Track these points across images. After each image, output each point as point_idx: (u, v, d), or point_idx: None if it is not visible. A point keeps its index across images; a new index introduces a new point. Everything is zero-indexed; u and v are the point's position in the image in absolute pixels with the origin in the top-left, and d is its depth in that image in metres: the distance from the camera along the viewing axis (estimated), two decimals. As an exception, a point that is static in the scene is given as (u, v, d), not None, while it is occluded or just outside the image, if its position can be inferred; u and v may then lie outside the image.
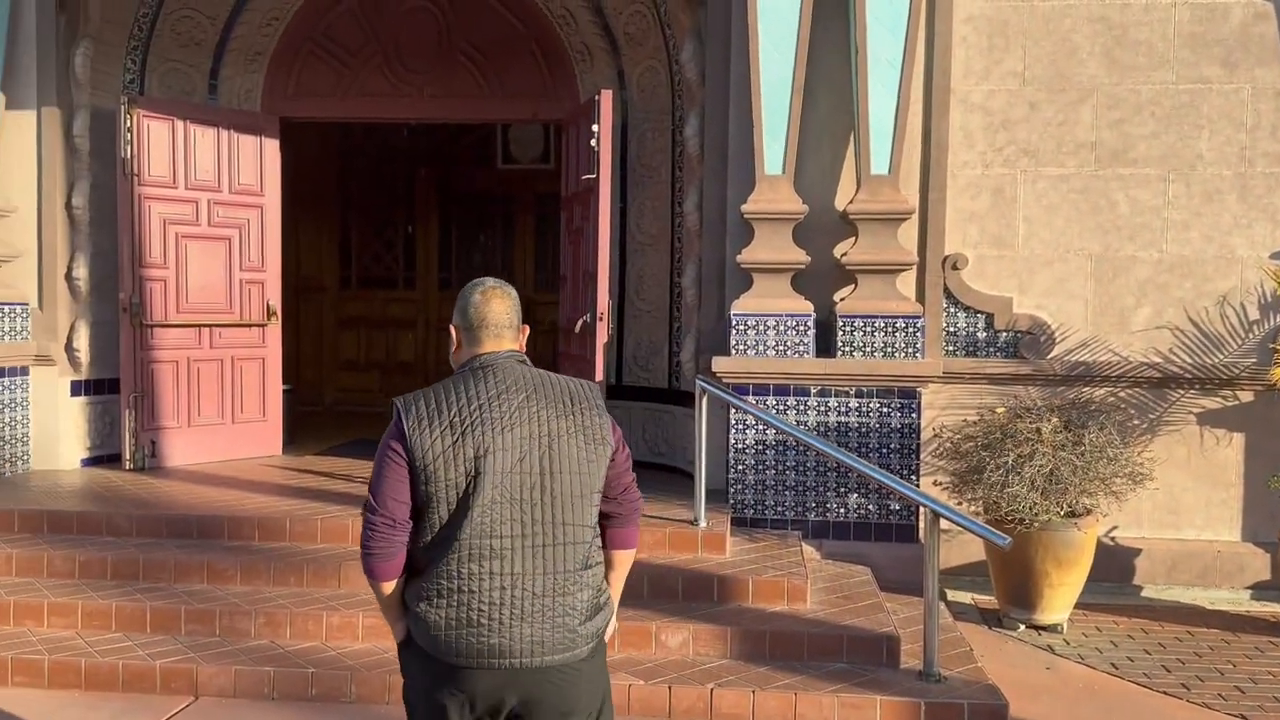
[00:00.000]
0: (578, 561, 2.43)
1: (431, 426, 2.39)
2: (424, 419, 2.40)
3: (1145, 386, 6.04)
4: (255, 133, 7.25)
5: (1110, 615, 5.56)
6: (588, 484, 2.45)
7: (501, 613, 2.37)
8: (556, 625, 2.40)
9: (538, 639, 2.38)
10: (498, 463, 2.37)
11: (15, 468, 6.44)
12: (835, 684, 4.18)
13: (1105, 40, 6.01)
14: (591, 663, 2.47)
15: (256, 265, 7.34)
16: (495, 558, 2.37)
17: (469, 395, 2.43)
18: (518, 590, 2.38)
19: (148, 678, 4.27)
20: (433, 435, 2.38)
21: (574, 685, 2.43)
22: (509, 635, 2.37)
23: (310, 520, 5.32)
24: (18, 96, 6.35)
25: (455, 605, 2.38)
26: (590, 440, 2.46)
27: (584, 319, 6.33)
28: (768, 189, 5.70)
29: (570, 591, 2.42)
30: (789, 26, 5.59)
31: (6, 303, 6.32)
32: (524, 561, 2.39)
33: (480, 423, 2.39)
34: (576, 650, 2.42)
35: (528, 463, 2.40)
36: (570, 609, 2.41)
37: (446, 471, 2.36)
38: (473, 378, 2.47)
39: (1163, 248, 6.04)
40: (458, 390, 2.44)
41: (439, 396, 2.43)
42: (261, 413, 7.41)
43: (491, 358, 2.49)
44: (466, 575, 2.37)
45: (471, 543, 2.37)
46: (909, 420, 5.70)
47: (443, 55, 7.38)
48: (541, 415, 2.43)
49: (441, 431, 2.38)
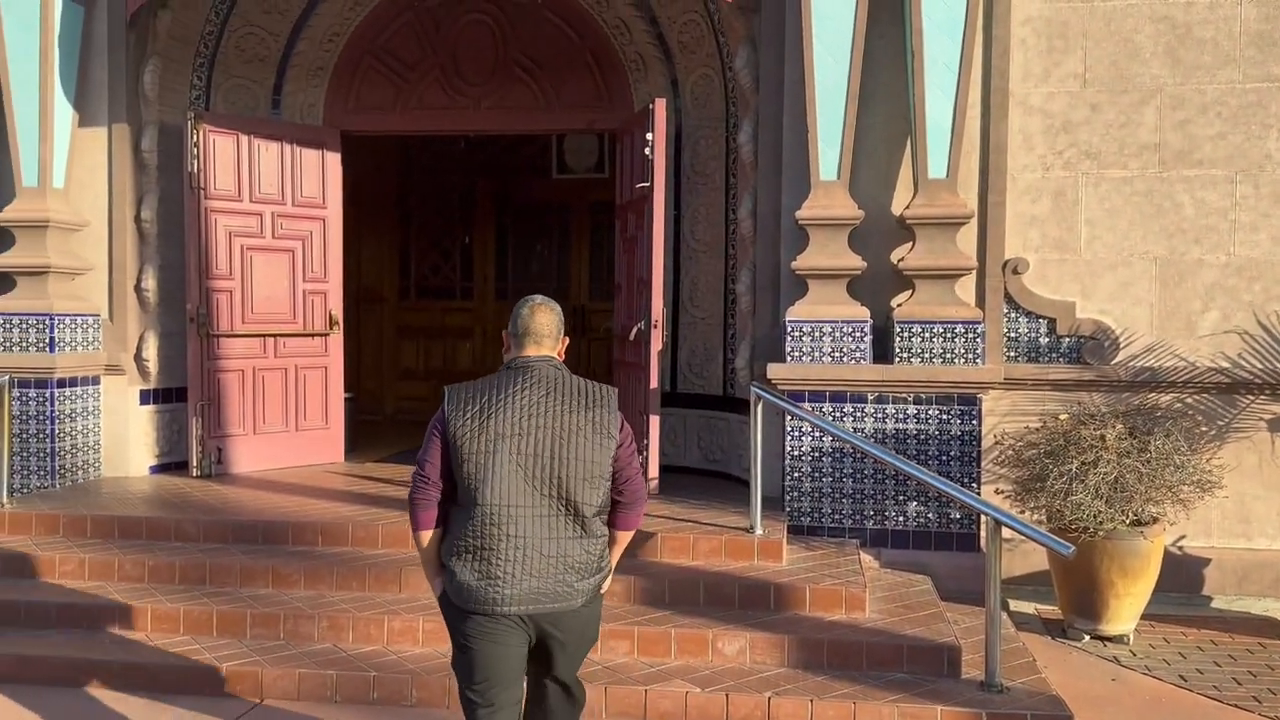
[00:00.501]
0: (578, 532, 2.99)
1: (465, 409, 2.97)
2: (461, 402, 2.99)
3: (1213, 392, 5.90)
4: (317, 146, 7.40)
5: (1178, 626, 5.43)
6: (592, 470, 2.98)
7: (514, 568, 2.93)
8: (557, 581, 2.96)
9: (543, 590, 2.95)
10: (514, 444, 2.93)
11: (87, 474, 6.63)
12: (895, 694, 4.14)
13: (1168, 39, 5.90)
14: (588, 609, 3.08)
15: (319, 276, 7.48)
16: (510, 522, 2.93)
17: (501, 387, 3.01)
18: (528, 550, 2.93)
19: (214, 680, 4.37)
20: (465, 415, 2.96)
21: (571, 626, 3.05)
22: (520, 587, 2.93)
23: (372, 526, 5.40)
24: (89, 114, 6.56)
25: (479, 560, 2.94)
26: (598, 433, 2.99)
27: (639, 326, 6.35)
28: (823, 195, 5.68)
29: (571, 554, 2.97)
30: (843, 32, 5.57)
31: (79, 314, 6.52)
32: (533, 527, 2.94)
33: (504, 410, 2.96)
34: (573, 601, 3.00)
35: (541, 446, 2.94)
36: (570, 569, 2.98)
37: (472, 444, 2.94)
38: (510, 375, 3.05)
39: (1230, 250, 5.90)
40: (494, 383, 3.03)
41: (478, 386, 3.03)
42: (324, 420, 7.54)
43: (529, 360, 3.07)
44: (486, 536, 2.93)
45: (491, 508, 2.93)
46: (969, 427, 5.63)
47: (499, 68, 7.47)
48: (557, 409, 2.98)
49: (472, 414, 2.96)
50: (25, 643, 4.64)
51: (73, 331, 6.46)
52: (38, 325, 6.34)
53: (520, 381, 3.02)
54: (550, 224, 11.23)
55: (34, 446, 6.34)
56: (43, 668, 4.48)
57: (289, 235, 7.32)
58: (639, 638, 4.49)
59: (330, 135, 7.48)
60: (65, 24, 6.33)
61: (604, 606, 4.67)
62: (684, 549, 5.19)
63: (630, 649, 4.48)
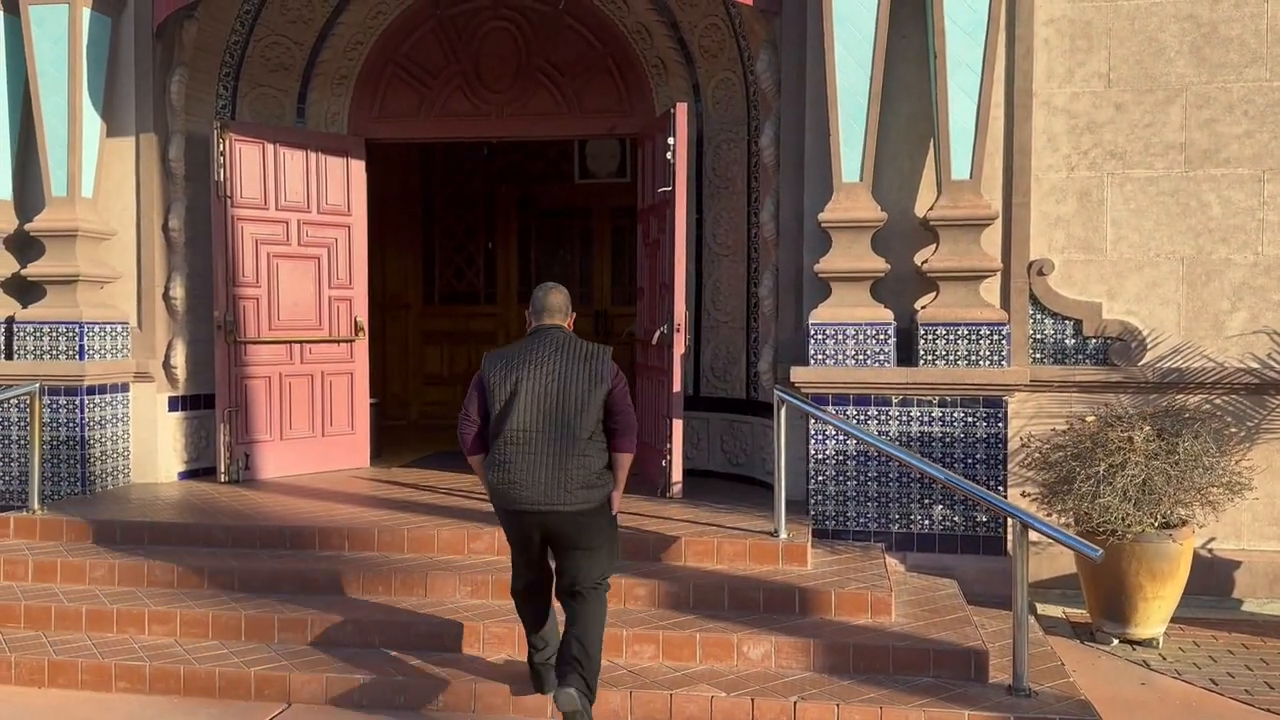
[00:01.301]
0: (577, 451, 3.93)
1: (497, 365, 4.04)
2: (495, 362, 4.06)
3: (1242, 393, 5.84)
4: (342, 154, 7.46)
5: (1209, 630, 5.37)
6: (588, 405, 3.95)
7: (527, 476, 3.92)
8: (560, 487, 3.90)
9: (549, 495, 3.90)
10: (529, 386, 3.96)
11: (117, 481, 6.70)
12: (921, 698, 4.12)
13: (1194, 38, 5.85)
14: (590, 516, 3.95)
15: (344, 283, 7.54)
16: (525, 443, 3.94)
17: (524, 348, 4.06)
18: (538, 463, 3.92)
19: (243, 684, 4.40)
20: (496, 369, 4.02)
21: (573, 525, 3.95)
22: (532, 491, 3.91)
23: (397, 530, 5.43)
24: (117, 124, 6.64)
25: (503, 470, 3.96)
26: (592, 379, 3.98)
27: (661, 330, 6.35)
28: (845, 197, 5.67)
29: (570, 468, 3.91)
30: (865, 34, 5.57)
31: (108, 322, 6.59)
32: (541, 446, 3.94)
33: (524, 364, 4.00)
34: (572, 505, 3.91)
35: (549, 388, 3.96)
36: (570, 479, 3.91)
37: (500, 391, 3.99)
38: (530, 339, 4.09)
39: (1259, 250, 5.84)
40: (520, 345, 4.08)
41: (507, 350, 4.10)
42: (350, 426, 7.59)
43: (545, 328, 4.12)
44: (507, 453, 3.95)
45: (511, 433, 3.95)
46: (995, 430, 5.60)
47: (521, 74, 7.50)
48: (562, 362, 3.99)
49: (500, 368, 4.02)
50: (56, 647, 4.69)
51: (102, 339, 6.54)
52: (67, 333, 6.42)
53: (537, 343, 4.05)
54: (573, 229, 11.26)
55: (64, 454, 6.41)
56: (73, 672, 4.53)
57: (314, 243, 7.38)
58: (664, 641, 4.49)
59: (355, 143, 7.53)
60: (93, 35, 6.41)
61: (628, 610, 4.72)
62: (708, 553, 5.18)
63: (655, 653, 4.48)
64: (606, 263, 11.16)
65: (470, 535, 5.36)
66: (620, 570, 4.98)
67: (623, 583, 4.86)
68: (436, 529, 5.42)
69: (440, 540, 5.36)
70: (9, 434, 6.48)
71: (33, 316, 6.50)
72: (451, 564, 5.19)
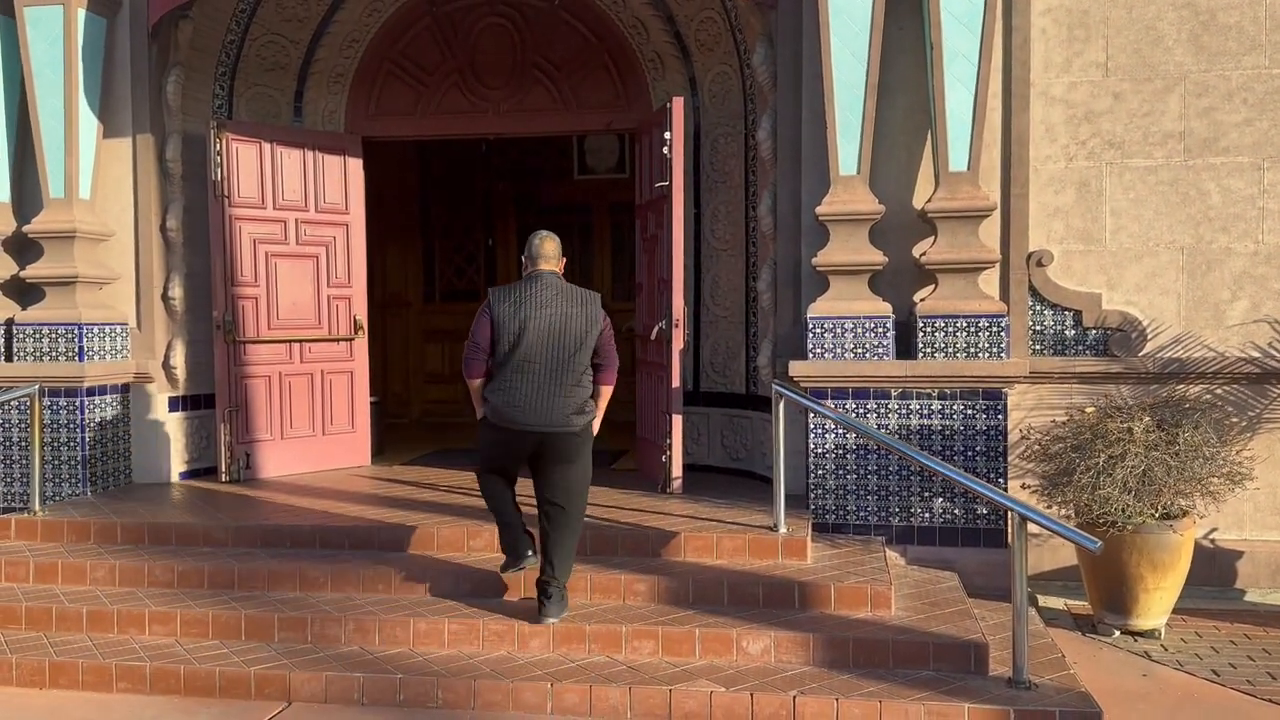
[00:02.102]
0: (572, 381, 4.59)
1: (504, 300, 4.61)
2: (501, 297, 4.63)
3: (1243, 383, 5.82)
4: (339, 153, 7.45)
5: (1211, 620, 5.36)
6: (583, 343, 4.60)
7: (529, 400, 4.55)
8: (556, 411, 4.55)
9: (545, 419, 4.55)
10: (535, 323, 4.55)
11: (118, 481, 6.71)
12: (921, 692, 4.11)
13: (1192, 26, 5.82)
14: (577, 437, 4.63)
15: (343, 281, 7.53)
16: (528, 372, 4.55)
17: (526, 288, 4.64)
18: (539, 390, 4.55)
19: (243, 684, 4.40)
20: (504, 304, 4.60)
21: (564, 444, 4.61)
22: (532, 414, 4.55)
23: (398, 528, 5.43)
24: (113, 125, 6.64)
25: (507, 395, 4.57)
26: (588, 321, 4.63)
27: (660, 326, 6.34)
28: (842, 190, 5.65)
29: (566, 396, 4.57)
30: (861, 26, 5.55)
31: (107, 323, 6.60)
32: (541, 375, 4.55)
33: (528, 303, 4.59)
34: (566, 428, 4.58)
35: (552, 325, 4.56)
36: (565, 406, 4.57)
37: (509, 325, 4.56)
38: (530, 281, 4.67)
39: (1259, 238, 5.82)
40: (521, 285, 4.67)
41: (509, 288, 4.67)
42: (350, 425, 7.60)
43: (542, 272, 4.69)
44: (513, 380, 4.57)
45: (516, 363, 4.55)
46: (994, 422, 5.58)
47: (517, 70, 7.49)
48: (562, 305, 4.61)
49: (508, 304, 4.60)
50: (57, 648, 4.70)
51: (101, 340, 6.54)
52: (66, 335, 6.42)
53: (539, 286, 4.63)
54: (572, 225, 11.23)
55: (65, 455, 6.42)
56: (74, 673, 4.54)
57: (312, 241, 7.37)
58: (663, 637, 4.48)
59: (351, 141, 7.53)
60: (88, 36, 6.41)
61: (628, 606, 4.73)
62: (708, 548, 5.18)
63: (655, 648, 4.48)
64: (606, 259, 11.15)
65: (470, 533, 5.36)
66: (620, 566, 5.01)
67: (622, 578, 4.86)
68: (437, 527, 5.42)
69: (441, 538, 5.36)
70: (10, 436, 6.48)
71: (32, 318, 6.50)
72: (452, 561, 5.19)
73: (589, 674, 4.31)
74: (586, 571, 4.92)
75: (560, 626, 4.56)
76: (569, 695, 4.20)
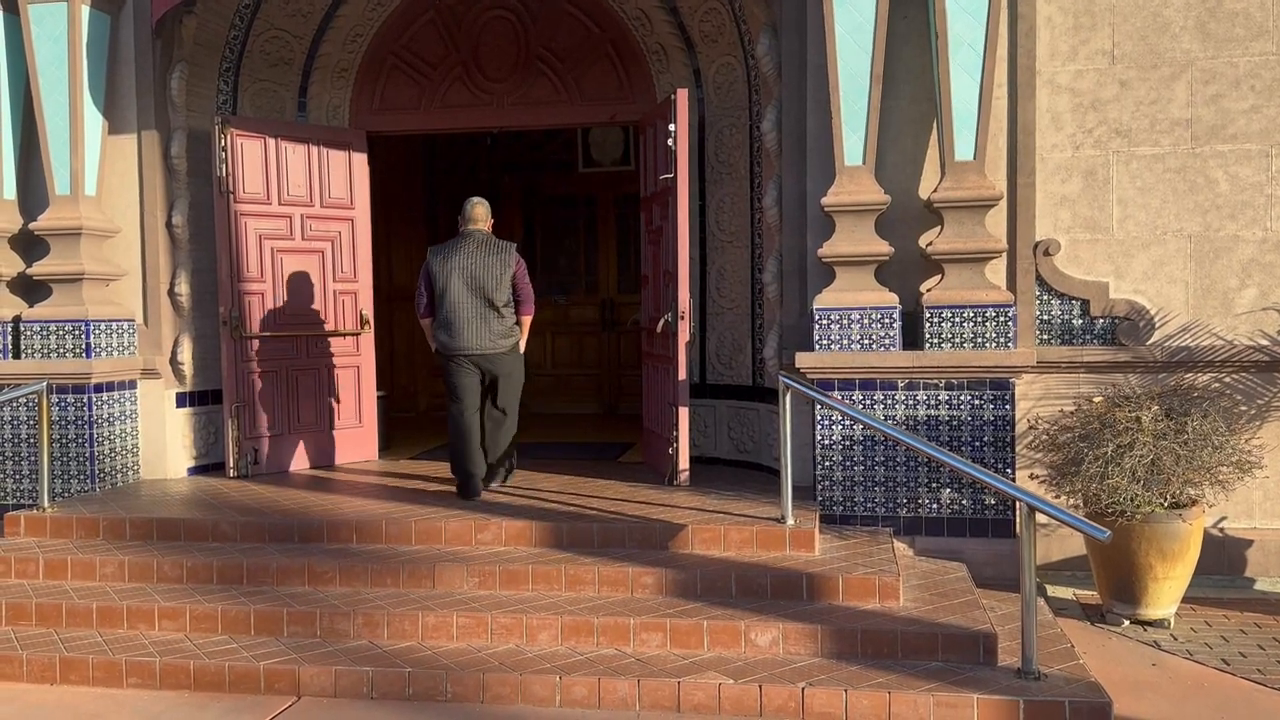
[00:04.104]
0: (495, 314, 5.98)
1: (436, 257, 6.05)
2: (436, 252, 6.08)
3: (1252, 371, 5.79)
4: (343, 147, 7.45)
5: (1221, 609, 5.35)
6: (500, 281, 5.98)
7: (464, 331, 5.97)
8: (484, 336, 5.98)
9: (480, 344, 5.99)
10: (459, 271, 5.96)
11: (126, 477, 6.73)
12: (930, 682, 4.11)
13: (1199, 12, 5.79)
14: (508, 356, 6.10)
15: (349, 276, 7.54)
16: (460, 308, 5.96)
17: (454, 244, 6.05)
18: (469, 321, 5.97)
19: (253, 678, 4.42)
20: (437, 259, 6.04)
21: (500, 362, 6.08)
22: (468, 341, 5.99)
23: (405, 522, 5.44)
24: (118, 121, 6.64)
25: (447, 328, 6.00)
26: (501, 265, 5.99)
27: (665, 318, 6.34)
28: (848, 180, 5.64)
29: (491, 323, 5.98)
30: (865, 15, 5.52)
31: (114, 319, 6.61)
32: (470, 310, 5.96)
33: (455, 254, 6.01)
34: (495, 349, 6.03)
35: (474, 271, 5.96)
36: (492, 332, 5.99)
37: (440, 274, 6.01)
38: (458, 238, 6.08)
39: (1268, 225, 5.79)
40: (451, 242, 6.08)
41: (443, 246, 6.09)
42: (358, 419, 7.61)
43: (469, 231, 6.09)
44: (449, 316, 5.98)
45: (450, 302, 5.97)
46: (1002, 412, 5.57)
47: (521, 63, 7.47)
48: (481, 253, 6.00)
49: (440, 257, 6.04)
50: (67, 644, 4.71)
51: (108, 337, 6.55)
52: (74, 331, 6.44)
53: (465, 241, 6.04)
54: (577, 218, 11.24)
55: (73, 451, 6.44)
56: (84, 669, 4.55)
57: (318, 236, 7.38)
58: (671, 629, 4.49)
59: (356, 136, 7.52)
60: (92, 33, 6.41)
61: (635, 599, 4.73)
62: (715, 540, 5.18)
63: (663, 641, 4.48)
64: (611, 251, 11.14)
65: (477, 526, 5.36)
66: (627, 559, 5.01)
67: (630, 571, 4.86)
68: (444, 520, 5.43)
69: (448, 532, 5.37)
70: (18, 433, 6.51)
71: (39, 315, 6.52)
72: (459, 555, 5.19)
73: (597, 667, 4.31)
74: (594, 564, 4.92)
75: (568, 619, 4.56)
76: (577, 688, 4.21)
